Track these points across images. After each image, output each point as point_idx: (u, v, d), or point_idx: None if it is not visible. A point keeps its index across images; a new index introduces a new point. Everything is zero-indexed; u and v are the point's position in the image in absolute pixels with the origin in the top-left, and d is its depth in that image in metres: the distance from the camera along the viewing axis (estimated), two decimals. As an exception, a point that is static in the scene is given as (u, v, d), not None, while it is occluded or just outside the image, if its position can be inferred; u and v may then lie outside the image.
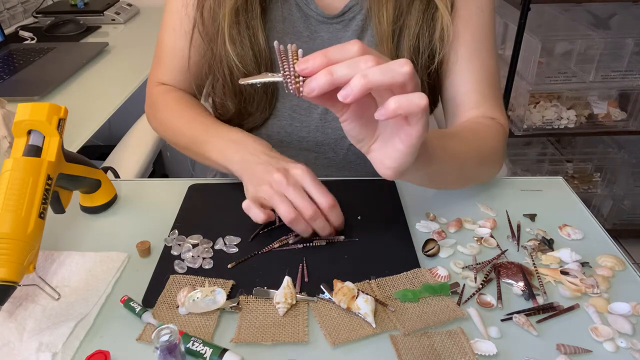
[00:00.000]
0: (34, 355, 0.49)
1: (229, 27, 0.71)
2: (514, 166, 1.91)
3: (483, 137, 0.71)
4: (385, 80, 0.43)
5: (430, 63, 0.73)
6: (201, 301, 0.54)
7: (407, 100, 0.43)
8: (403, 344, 0.50)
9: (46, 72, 1.32)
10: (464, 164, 0.67)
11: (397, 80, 0.43)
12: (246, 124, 0.80)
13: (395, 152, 0.49)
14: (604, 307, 0.54)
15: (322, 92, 0.44)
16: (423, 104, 0.44)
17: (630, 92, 1.70)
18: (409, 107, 0.43)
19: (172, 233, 0.65)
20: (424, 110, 0.44)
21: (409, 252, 0.62)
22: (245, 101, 0.77)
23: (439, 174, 0.63)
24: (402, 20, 0.71)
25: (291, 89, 0.46)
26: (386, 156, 0.50)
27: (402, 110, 0.43)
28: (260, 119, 0.79)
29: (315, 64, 0.44)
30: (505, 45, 1.81)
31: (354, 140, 0.52)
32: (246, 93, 0.76)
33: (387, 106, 0.43)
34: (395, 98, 0.43)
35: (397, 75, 0.43)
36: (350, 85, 0.43)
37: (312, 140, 0.80)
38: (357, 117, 0.49)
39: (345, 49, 0.44)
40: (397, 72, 0.43)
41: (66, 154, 0.62)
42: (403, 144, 0.48)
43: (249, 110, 0.78)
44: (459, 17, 0.73)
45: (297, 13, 0.75)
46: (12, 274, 0.49)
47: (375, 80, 0.42)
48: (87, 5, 1.81)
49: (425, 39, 0.72)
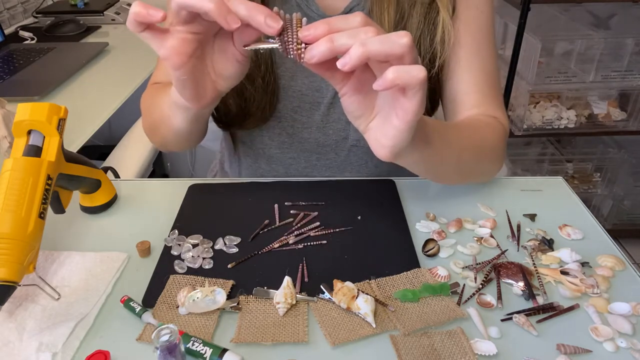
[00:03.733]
0: (34, 355, 0.49)
1: None
2: (514, 166, 1.91)
3: (481, 131, 0.71)
4: (383, 50, 0.43)
5: (430, 67, 0.73)
6: (201, 301, 0.54)
7: (405, 71, 0.43)
8: (403, 344, 0.50)
9: (46, 72, 1.32)
10: (461, 153, 0.66)
11: (395, 51, 0.43)
12: (247, 124, 0.80)
13: (392, 129, 0.49)
14: (604, 307, 0.54)
15: (322, 59, 0.44)
16: (421, 76, 0.44)
17: (630, 92, 1.70)
18: (407, 78, 0.43)
19: (172, 233, 0.65)
20: (422, 82, 0.44)
21: (409, 252, 0.62)
22: (246, 101, 0.77)
23: (435, 161, 0.62)
24: (404, 23, 0.71)
25: (292, 54, 0.46)
26: (383, 134, 0.50)
27: (400, 80, 0.43)
28: (262, 119, 0.79)
29: (318, 32, 0.44)
30: (505, 45, 1.81)
31: (352, 117, 0.52)
32: (247, 92, 0.76)
33: (385, 76, 0.43)
34: (394, 68, 0.43)
35: (396, 46, 0.43)
36: (349, 53, 0.43)
37: (313, 141, 0.80)
38: (355, 92, 0.50)
39: (349, 20, 0.45)
40: (396, 43, 0.43)
41: (66, 154, 0.62)
42: (399, 120, 0.48)
43: (250, 110, 0.78)
44: (459, 19, 0.73)
45: (296, 10, 0.76)
46: (12, 274, 0.49)
47: (374, 50, 0.43)
48: (87, 5, 1.81)
49: (427, 43, 0.72)
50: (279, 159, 0.83)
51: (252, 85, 0.74)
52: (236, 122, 0.80)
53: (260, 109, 0.77)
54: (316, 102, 0.77)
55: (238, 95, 0.77)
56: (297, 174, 0.83)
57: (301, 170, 0.83)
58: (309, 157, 0.82)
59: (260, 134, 0.81)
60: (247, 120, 0.79)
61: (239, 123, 0.80)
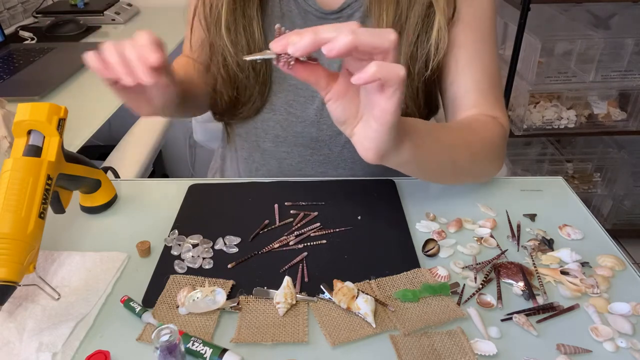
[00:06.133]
0: (34, 355, 0.49)
1: (226, 13, 0.73)
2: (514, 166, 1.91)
3: (477, 131, 0.71)
4: (372, 42, 0.44)
5: (425, 70, 0.73)
6: (201, 301, 0.54)
7: (387, 66, 0.44)
8: (403, 344, 0.50)
9: (46, 72, 1.32)
10: (455, 153, 0.66)
11: (383, 44, 0.44)
12: (239, 114, 0.80)
13: (371, 132, 0.50)
14: (604, 307, 0.54)
15: (306, 50, 0.44)
16: (402, 74, 0.45)
17: (630, 92, 1.69)
18: (389, 73, 0.44)
19: (172, 233, 0.65)
20: (401, 80, 0.45)
21: (409, 252, 0.62)
22: (237, 90, 0.78)
23: (428, 162, 0.62)
24: (401, 24, 0.71)
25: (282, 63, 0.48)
26: (364, 136, 0.51)
27: (381, 74, 0.44)
28: (253, 109, 0.79)
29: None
30: (505, 45, 1.81)
31: (337, 122, 0.53)
32: (239, 82, 0.77)
33: (367, 69, 0.44)
34: (376, 62, 0.44)
35: (384, 41, 0.44)
36: (337, 38, 0.43)
37: (307, 135, 0.80)
38: (339, 97, 0.51)
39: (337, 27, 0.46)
40: (384, 37, 0.44)
41: (66, 154, 0.62)
42: (377, 122, 0.49)
43: (242, 100, 0.78)
44: (460, 19, 0.73)
45: (295, 9, 0.76)
46: (12, 274, 0.49)
47: (363, 39, 0.43)
48: (87, 5, 1.81)
49: (423, 45, 0.72)
50: (272, 152, 0.83)
51: (244, 74, 0.75)
52: (229, 111, 0.81)
53: (252, 100, 0.78)
54: (310, 96, 0.78)
55: (230, 85, 0.78)
56: (291, 168, 0.83)
57: (295, 165, 0.83)
58: (303, 151, 0.82)
59: (255, 126, 0.82)
60: (240, 109, 0.80)
61: (232, 113, 0.81)
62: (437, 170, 0.66)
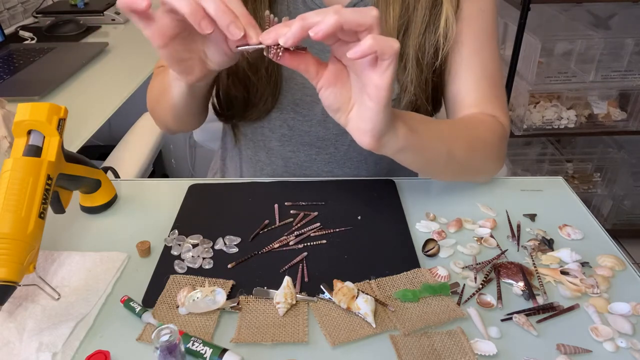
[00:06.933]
0: (34, 355, 0.49)
1: None
2: (514, 166, 1.91)
3: (476, 128, 0.71)
4: (355, 19, 0.45)
5: (434, 60, 0.73)
6: (201, 301, 0.54)
7: (382, 39, 0.45)
8: (403, 344, 0.50)
9: (46, 72, 1.32)
10: (452, 146, 0.66)
11: (366, 21, 0.45)
12: (249, 115, 0.80)
13: (367, 112, 0.51)
14: (604, 307, 0.54)
15: (295, 38, 0.46)
16: (396, 47, 0.46)
17: (630, 92, 1.70)
18: (384, 45, 0.45)
19: (172, 233, 0.65)
20: (395, 53, 0.46)
21: (409, 252, 0.62)
22: (249, 91, 0.77)
23: (424, 149, 0.62)
24: (408, 16, 0.71)
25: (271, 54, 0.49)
26: (360, 118, 0.52)
27: (377, 46, 0.45)
28: (264, 110, 0.79)
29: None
30: (505, 45, 1.81)
31: (331, 110, 0.54)
32: (250, 83, 0.76)
33: (363, 42, 0.45)
34: (371, 35, 0.45)
35: (367, 17, 0.45)
36: (323, 20, 0.45)
37: (313, 134, 0.80)
38: (331, 84, 0.52)
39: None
40: (367, 14, 0.45)
41: (66, 154, 0.62)
42: (372, 100, 0.49)
43: (253, 101, 0.78)
44: (462, 17, 0.73)
45: (302, 8, 0.76)
46: (12, 274, 0.49)
47: (347, 17, 0.45)
48: (87, 5, 1.81)
49: (431, 36, 0.72)
50: (278, 151, 0.83)
51: (255, 76, 0.75)
52: (239, 113, 0.80)
53: (262, 100, 0.77)
54: (317, 95, 0.78)
55: (242, 85, 0.77)
56: (297, 167, 0.83)
57: (300, 164, 0.83)
58: (309, 150, 0.82)
59: (261, 126, 0.82)
60: (250, 111, 0.79)
61: (242, 114, 0.80)
62: (434, 160, 0.66)
